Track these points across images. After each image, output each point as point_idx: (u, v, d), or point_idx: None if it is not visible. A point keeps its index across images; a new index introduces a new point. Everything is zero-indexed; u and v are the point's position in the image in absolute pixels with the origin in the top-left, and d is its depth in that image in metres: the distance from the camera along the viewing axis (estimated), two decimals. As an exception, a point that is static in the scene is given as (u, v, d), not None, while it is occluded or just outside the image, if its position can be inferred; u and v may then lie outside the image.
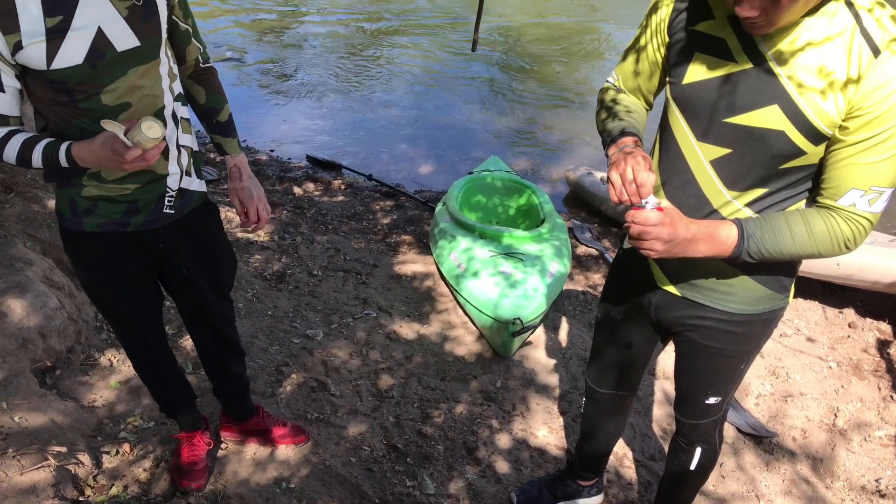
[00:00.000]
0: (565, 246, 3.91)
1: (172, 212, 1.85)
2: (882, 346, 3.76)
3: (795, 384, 3.39)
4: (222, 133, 1.96)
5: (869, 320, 3.99)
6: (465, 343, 3.48)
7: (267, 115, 7.37)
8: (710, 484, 2.71)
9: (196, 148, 1.93)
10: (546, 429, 2.93)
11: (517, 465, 2.71)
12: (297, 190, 5.51)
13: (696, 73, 1.47)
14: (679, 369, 1.93)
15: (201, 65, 1.90)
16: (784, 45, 1.34)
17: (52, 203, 3.46)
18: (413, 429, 2.82)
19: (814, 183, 1.48)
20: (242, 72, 8.77)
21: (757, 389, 3.33)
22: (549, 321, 3.70)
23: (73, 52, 1.51)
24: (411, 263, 4.30)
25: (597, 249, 4.78)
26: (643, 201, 1.34)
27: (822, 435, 3.05)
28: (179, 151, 1.82)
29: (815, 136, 1.36)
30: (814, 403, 3.26)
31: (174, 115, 1.78)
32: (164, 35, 1.67)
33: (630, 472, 2.74)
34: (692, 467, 2.08)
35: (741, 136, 1.44)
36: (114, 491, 2.30)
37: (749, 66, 1.39)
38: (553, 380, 3.24)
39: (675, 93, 1.54)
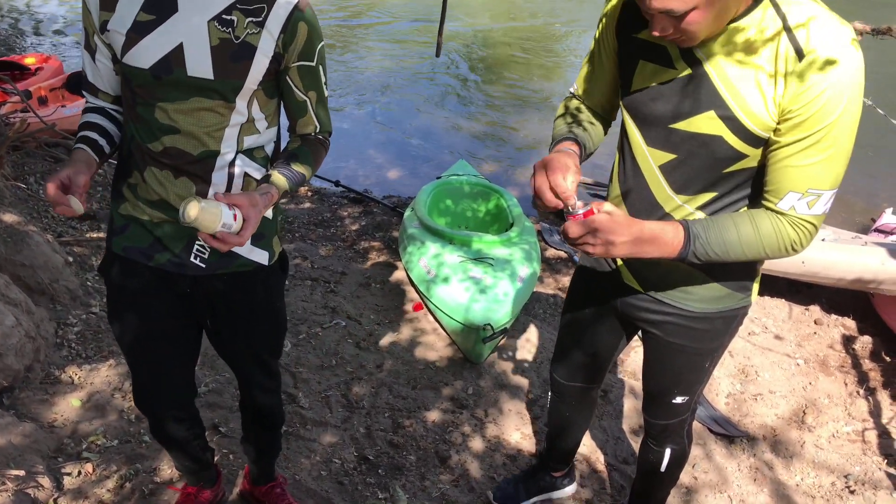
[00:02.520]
0: (534, 249, 3.90)
1: (203, 265, 1.66)
2: (847, 341, 3.81)
3: (764, 382, 3.42)
4: (282, 170, 1.59)
5: (834, 317, 4.04)
6: (436, 350, 3.45)
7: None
8: (683, 485, 2.71)
9: (269, 216, 1.71)
10: (519, 434, 2.91)
11: (490, 471, 2.68)
12: (263, 198, 5.43)
13: (641, 80, 1.49)
14: (646, 369, 1.94)
15: (314, 135, 1.70)
16: (717, 50, 1.35)
17: (6, 217, 3.36)
18: (384, 439, 2.78)
19: (758, 185, 1.48)
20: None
21: (727, 389, 3.35)
22: (520, 325, 3.69)
23: (144, 54, 1.45)
24: (380, 270, 4.26)
25: (566, 252, 4.79)
26: (572, 209, 1.35)
27: (791, 432, 3.08)
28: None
29: (752, 139, 1.37)
30: (783, 401, 3.28)
31: (230, 171, 1.59)
32: (252, 86, 1.52)
33: (603, 475, 2.73)
34: (662, 468, 2.09)
35: (685, 141, 1.46)
36: (76, 513, 2.23)
37: (688, 72, 1.40)
38: (525, 384, 3.22)
39: (624, 100, 1.56)
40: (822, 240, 3.98)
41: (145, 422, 2.68)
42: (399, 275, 4.16)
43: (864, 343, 3.76)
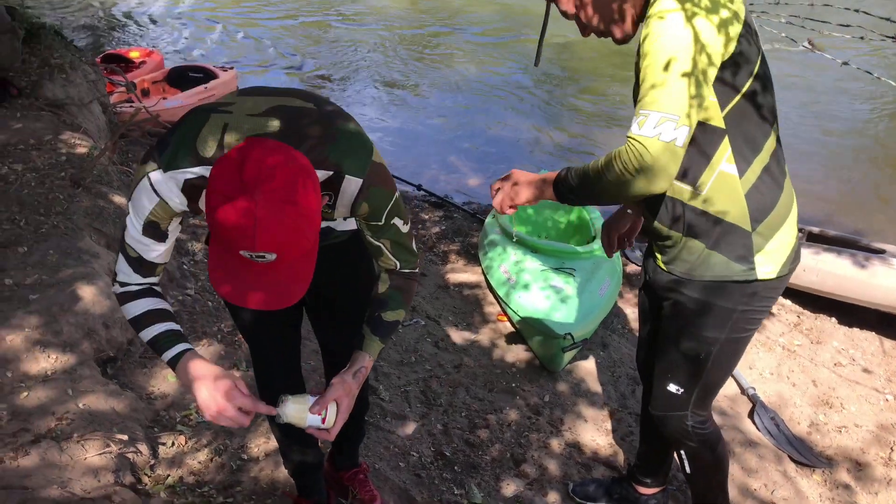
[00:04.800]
0: (617, 263, 3.89)
1: None
2: (941, 380, 3.66)
3: (850, 415, 3.31)
4: (373, 328, 1.61)
5: (928, 353, 3.88)
6: (513, 355, 3.48)
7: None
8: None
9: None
10: (594, 445, 2.91)
11: (564, 479, 2.69)
12: (348, 197, 5.58)
13: None
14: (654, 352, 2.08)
15: (398, 271, 1.65)
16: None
17: (118, 199, 3.57)
18: (461, 437, 2.83)
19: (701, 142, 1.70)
20: (295, 80, 8.92)
21: (809, 417, 3.27)
22: (599, 338, 3.68)
23: None
24: (459, 273, 4.32)
25: (646, 269, 4.74)
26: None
27: (877, 469, 2.97)
28: None
29: None
30: (869, 436, 3.18)
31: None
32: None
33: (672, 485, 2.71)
34: (688, 471, 2.17)
35: None
36: (170, 481, 2.35)
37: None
38: (602, 397, 3.22)
39: None
40: (920, 273, 3.84)
41: (235, 401, 2.80)
42: (477, 279, 4.21)
43: (960, 383, 3.60)
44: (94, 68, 5.20)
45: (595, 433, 2.97)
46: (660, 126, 1.49)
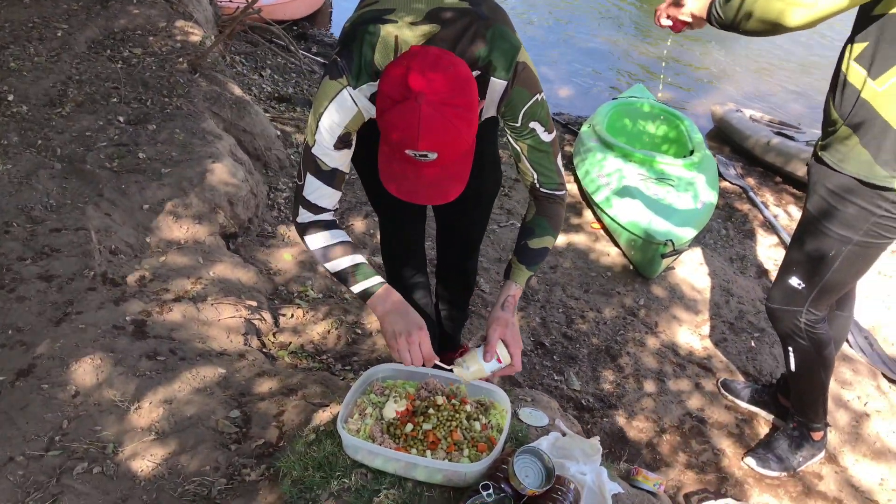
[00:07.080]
0: (715, 177, 3.86)
1: None
2: None
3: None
4: (520, 256, 1.66)
5: None
6: (608, 260, 3.54)
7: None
8: (855, 414, 2.71)
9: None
10: (689, 347, 2.98)
11: (660, 375, 2.79)
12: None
13: None
14: None
15: (538, 189, 1.65)
16: None
17: (232, 86, 3.69)
18: (559, 331, 2.94)
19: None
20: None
21: (905, 340, 3.26)
22: (691, 250, 3.70)
23: None
24: (553, 181, 4.35)
25: (740, 187, 4.68)
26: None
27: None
28: None
29: None
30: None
31: None
32: None
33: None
34: (793, 369, 2.21)
35: None
36: (292, 347, 2.53)
37: None
38: (695, 304, 3.26)
39: None
40: None
41: (348, 281, 2.95)
42: (570, 187, 4.24)
43: None
44: (200, -41, 5.26)
45: (689, 336, 3.04)
46: None
